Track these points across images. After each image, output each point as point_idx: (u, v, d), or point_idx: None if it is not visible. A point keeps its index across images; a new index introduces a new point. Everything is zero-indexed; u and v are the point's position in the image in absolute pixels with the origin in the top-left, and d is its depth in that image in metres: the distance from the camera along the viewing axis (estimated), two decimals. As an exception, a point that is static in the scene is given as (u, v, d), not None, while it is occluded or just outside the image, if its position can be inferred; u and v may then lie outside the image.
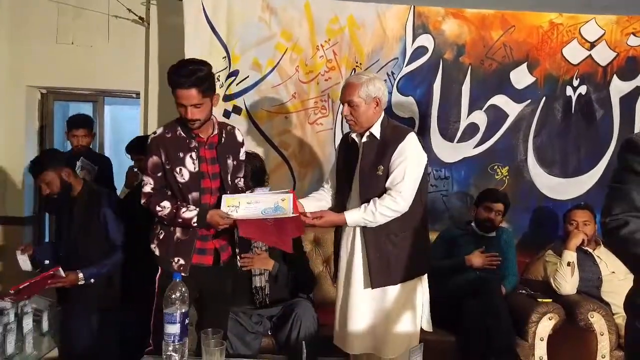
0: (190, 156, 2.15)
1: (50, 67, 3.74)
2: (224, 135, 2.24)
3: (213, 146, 2.20)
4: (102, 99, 4.08)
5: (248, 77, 3.32)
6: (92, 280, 2.54)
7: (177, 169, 2.14)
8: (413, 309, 2.24)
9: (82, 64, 3.73)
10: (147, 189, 2.17)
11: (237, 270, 2.47)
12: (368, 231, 2.18)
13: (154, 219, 2.20)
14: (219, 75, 3.28)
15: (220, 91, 3.30)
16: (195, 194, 2.15)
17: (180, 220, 2.11)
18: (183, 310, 1.84)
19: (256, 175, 2.77)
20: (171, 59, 3.42)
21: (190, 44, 3.23)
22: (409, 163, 2.14)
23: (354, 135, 2.29)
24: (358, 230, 2.22)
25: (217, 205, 2.12)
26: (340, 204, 2.32)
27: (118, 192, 3.40)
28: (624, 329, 1.54)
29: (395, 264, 2.18)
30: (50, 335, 2.63)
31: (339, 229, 2.37)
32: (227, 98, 3.33)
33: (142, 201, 2.18)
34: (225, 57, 3.30)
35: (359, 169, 2.24)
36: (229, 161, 2.23)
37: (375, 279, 2.17)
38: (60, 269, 2.47)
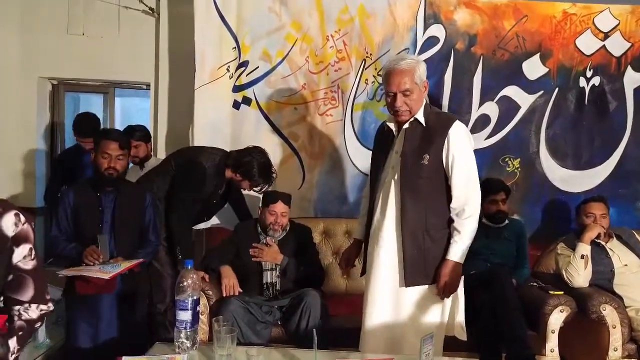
0: None
1: (61, 59, 3.76)
2: None
3: None
4: (112, 90, 4.10)
5: (258, 67, 3.31)
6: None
7: None
8: (444, 310, 2.14)
9: (92, 55, 3.75)
10: None
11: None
12: (406, 226, 2.06)
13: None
14: (228, 66, 3.28)
15: (230, 82, 3.30)
16: None
17: None
18: (195, 298, 1.85)
19: (263, 170, 2.77)
20: (181, 50, 3.49)
21: (200, 34, 3.24)
22: (465, 160, 2.06)
23: (390, 124, 2.17)
24: (387, 225, 2.11)
25: None
26: (373, 200, 2.20)
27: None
28: None
29: (433, 262, 2.07)
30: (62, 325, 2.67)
31: (369, 224, 2.23)
32: (237, 89, 3.33)
33: None
34: (235, 47, 3.29)
35: (403, 156, 2.09)
36: None
37: (410, 277, 2.07)
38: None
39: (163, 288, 2.76)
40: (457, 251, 2.05)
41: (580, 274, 2.77)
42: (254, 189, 2.85)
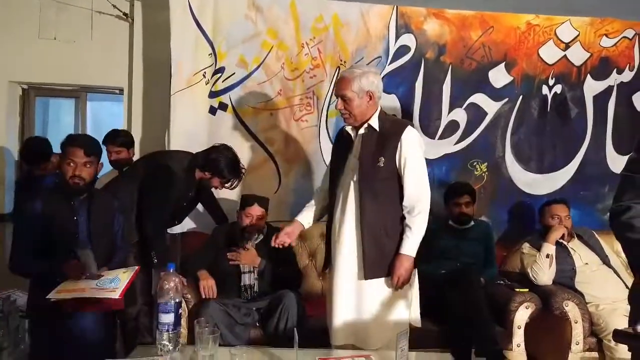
0: None
1: (32, 63, 3.70)
2: None
3: None
4: (84, 95, 4.06)
5: (234, 74, 3.35)
6: None
7: None
8: (402, 300, 2.27)
9: (64, 60, 3.70)
10: None
11: None
12: (365, 224, 2.20)
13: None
14: (205, 72, 3.31)
15: (206, 88, 3.33)
16: None
17: None
18: (177, 300, 1.88)
19: (230, 166, 2.79)
20: (156, 56, 3.50)
21: (176, 40, 3.25)
22: (415, 162, 2.21)
23: (348, 129, 2.31)
24: (347, 223, 2.25)
25: None
26: (333, 199, 2.35)
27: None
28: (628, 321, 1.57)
29: (389, 256, 2.21)
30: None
31: (330, 223, 2.38)
32: (213, 95, 3.35)
33: None
34: (211, 53, 3.32)
35: (360, 159, 2.24)
36: None
37: (370, 271, 2.20)
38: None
39: (133, 292, 2.65)
40: (410, 246, 2.19)
41: (545, 272, 2.92)
42: (225, 185, 2.86)
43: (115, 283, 2.15)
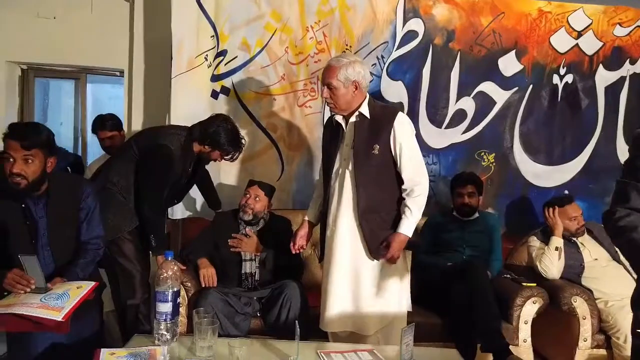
0: None
1: (31, 43, 3.63)
2: None
3: None
4: (84, 76, 3.99)
5: (237, 57, 3.26)
6: None
7: None
8: (396, 285, 2.30)
9: (64, 40, 3.64)
10: None
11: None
12: (362, 211, 2.23)
13: None
14: (206, 55, 3.22)
15: (208, 71, 3.25)
16: None
17: None
18: (175, 289, 1.82)
19: (231, 137, 2.68)
20: (157, 37, 3.41)
21: (177, 21, 3.15)
22: (411, 146, 2.24)
23: (338, 118, 2.30)
24: (344, 211, 2.27)
25: None
26: (327, 188, 2.36)
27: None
28: (631, 327, 1.52)
29: (381, 237, 2.25)
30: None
31: (326, 211, 2.37)
32: (215, 78, 3.27)
33: None
34: (213, 36, 3.23)
35: (354, 147, 2.25)
36: None
37: (375, 252, 2.25)
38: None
39: (133, 285, 2.59)
40: (407, 226, 2.23)
41: (554, 265, 2.86)
42: (225, 157, 2.75)
43: (61, 301, 1.81)
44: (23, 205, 1.99)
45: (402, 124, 2.24)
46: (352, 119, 2.27)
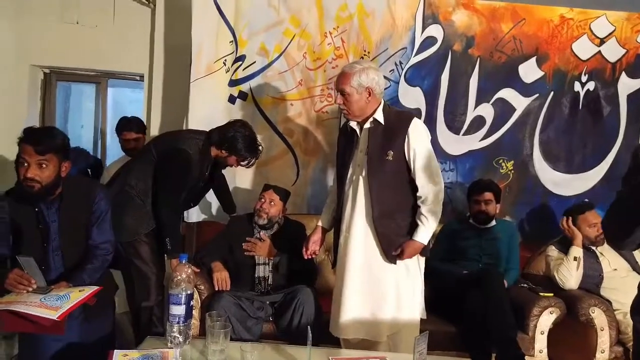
0: None
1: (54, 47, 3.70)
2: None
3: None
4: (105, 80, 4.05)
5: (255, 62, 3.29)
6: None
7: None
8: (409, 291, 2.29)
9: (86, 45, 3.70)
10: None
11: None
12: (377, 217, 2.22)
13: None
14: (225, 60, 3.25)
15: (226, 76, 3.27)
16: None
17: None
18: (188, 292, 1.83)
19: (248, 143, 2.68)
20: (177, 42, 3.46)
21: (197, 27, 3.19)
22: (425, 153, 2.23)
23: (353, 124, 2.30)
24: (358, 218, 2.27)
25: None
26: (341, 194, 2.36)
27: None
28: (632, 335, 1.50)
29: (397, 243, 2.24)
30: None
31: (339, 218, 2.37)
32: (233, 83, 3.29)
33: None
34: (232, 41, 3.26)
35: (368, 154, 2.24)
36: None
37: (390, 256, 2.25)
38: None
39: (148, 287, 2.60)
40: (423, 234, 2.23)
41: (572, 275, 2.81)
42: (242, 163, 2.76)
43: (61, 301, 1.80)
44: (36, 210, 2.01)
45: (416, 129, 2.23)
46: (367, 125, 2.26)
